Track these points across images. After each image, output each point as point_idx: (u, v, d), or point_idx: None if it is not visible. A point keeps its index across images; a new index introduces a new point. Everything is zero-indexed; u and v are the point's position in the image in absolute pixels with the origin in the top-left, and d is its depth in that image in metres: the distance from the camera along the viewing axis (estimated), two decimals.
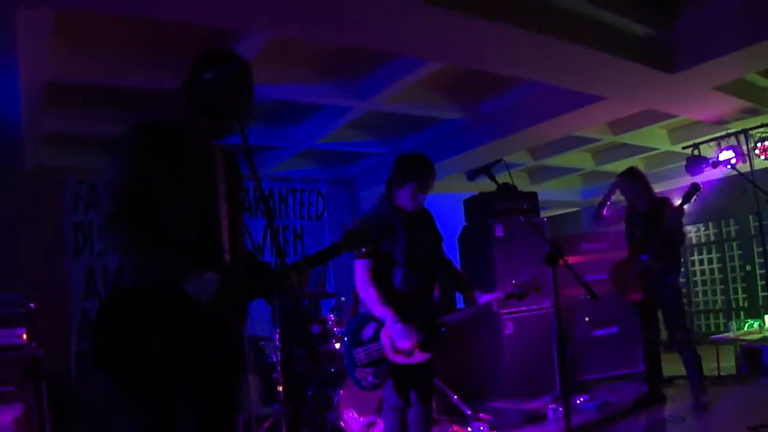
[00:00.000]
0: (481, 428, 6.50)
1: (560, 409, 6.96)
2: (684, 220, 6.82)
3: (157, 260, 2.77)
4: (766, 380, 7.82)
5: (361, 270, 4.52)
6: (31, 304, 6.27)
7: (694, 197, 6.52)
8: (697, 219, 13.09)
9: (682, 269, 13.57)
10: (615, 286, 7.09)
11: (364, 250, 4.08)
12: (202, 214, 2.93)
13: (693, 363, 6.71)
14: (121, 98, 6.95)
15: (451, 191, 11.96)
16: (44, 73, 5.87)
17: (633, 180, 7.09)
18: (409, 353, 4.43)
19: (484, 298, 4.67)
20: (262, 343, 7.48)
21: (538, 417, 6.93)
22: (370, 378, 4.49)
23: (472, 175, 4.79)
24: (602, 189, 12.92)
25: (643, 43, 6.37)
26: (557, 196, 13.00)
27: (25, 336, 6.12)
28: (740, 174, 6.32)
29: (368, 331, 4.54)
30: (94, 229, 8.30)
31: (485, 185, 10.90)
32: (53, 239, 8.26)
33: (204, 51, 3.13)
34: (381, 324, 4.49)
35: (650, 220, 6.81)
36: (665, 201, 7.00)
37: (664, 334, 7.75)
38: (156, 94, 6.60)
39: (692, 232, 13.56)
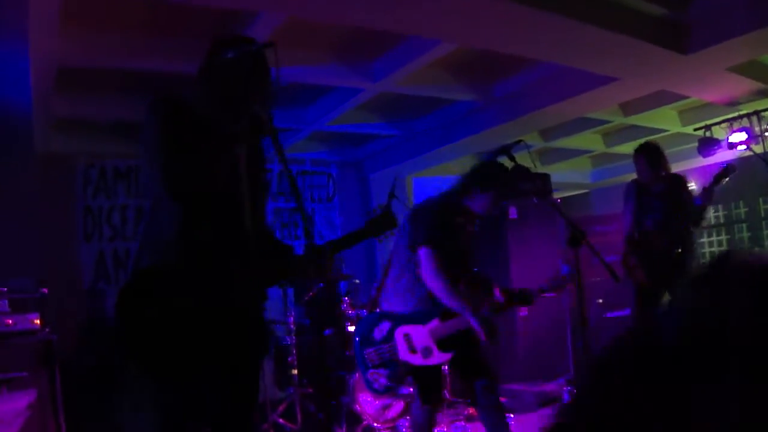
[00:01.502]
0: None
1: (575, 391, 6.94)
2: (712, 201, 6.41)
3: None
4: None
5: (427, 260, 4.33)
6: (44, 290, 6.26)
7: (727, 179, 6.21)
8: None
9: None
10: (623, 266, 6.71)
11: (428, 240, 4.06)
12: (224, 196, 2.91)
13: None
14: (132, 82, 6.94)
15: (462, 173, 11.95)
16: (55, 57, 5.86)
17: (653, 158, 6.53)
18: (427, 353, 4.34)
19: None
20: (274, 326, 7.50)
21: (553, 400, 6.93)
22: (383, 380, 4.37)
23: (492, 156, 4.71)
24: (612, 171, 12.92)
25: (657, 23, 6.33)
26: (567, 178, 12.95)
27: (38, 321, 6.11)
28: (756, 155, 6.22)
29: (381, 331, 4.41)
30: (104, 214, 8.29)
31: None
32: (64, 224, 8.26)
33: (220, 36, 3.09)
34: (396, 323, 4.41)
35: (670, 202, 6.38)
36: (683, 181, 6.61)
37: None
38: (167, 78, 6.59)
39: None
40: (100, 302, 8.09)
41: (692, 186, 6.58)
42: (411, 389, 6.06)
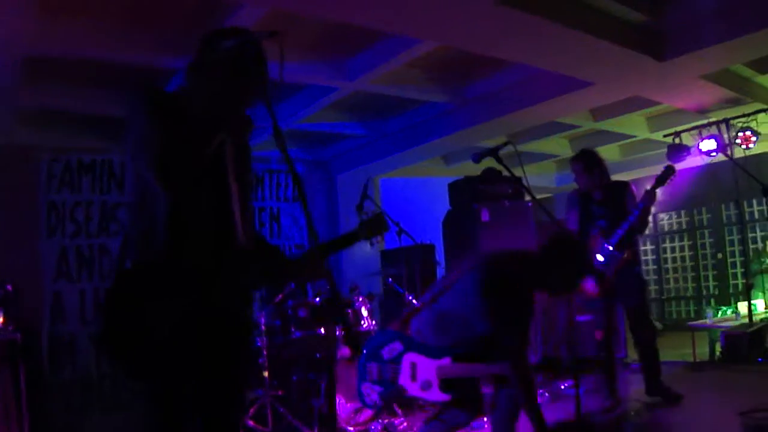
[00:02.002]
0: None
1: (547, 394, 6.95)
2: (655, 205, 6.32)
3: None
4: (747, 366, 7.86)
5: None
6: (8, 287, 6.10)
7: (669, 180, 6.14)
8: (669, 207, 13.22)
9: (654, 257, 13.82)
10: None
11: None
12: (212, 193, 2.81)
13: (652, 360, 6.33)
14: (101, 74, 6.76)
15: (432, 175, 11.94)
16: (22, 45, 5.65)
17: (590, 165, 6.43)
18: (427, 387, 4.26)
19: None
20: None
21: None
22: (374, 396, 4.31)
23: (478, 158, 4.67)
24: None
25: (635, 29, 6.38)
26: (531, 182, 12.91)
27: (1, 319, 5.95)
28: (732, 161, 6.27)
29: (391, 352, 4.33)
30: (68, 209, 8.09)
31: (468, 169, 10.95)
32: (26, 218, 8.02)
33: (215, 29, 2.97)
34: (408, 348, 4.32)
35: (612, 209, 6.31)
36: (626, 187, 6.51)
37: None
38: (139, 70, 6.45)
39: (664, 219, 13.72)
40: (60, 301, 7.89)
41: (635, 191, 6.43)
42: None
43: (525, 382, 4.05)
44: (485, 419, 5.65)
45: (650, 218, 6.34)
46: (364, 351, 4.39)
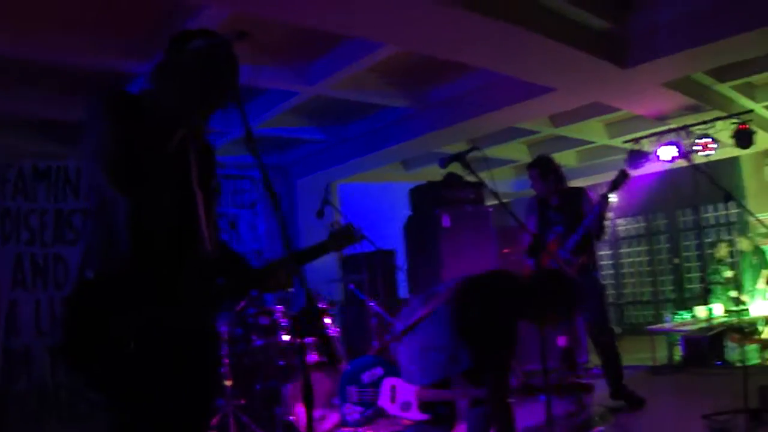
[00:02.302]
0: None
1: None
2: (610, 209, 6.30)
3: None
4: (706, 369, 7.94)
5: None
6: None
7: (623, 185, 6.09)
8: (627, 212, 13.32)
9: (611, 261, 13.93)
10: None
11: None
12: (176, 199, 2.71)
13: (614, 364, 6.33)
14: (57, 77, 6.60)
15: (391, 180, 11.88)
16: None
17: (546, 171, 6.46)
18: (406, 408, 4.29)
19: None
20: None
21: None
22: (356, 416, 4.35)
23: (445, 163, 4.61)
24: None
25: (598, 36, 6.40)
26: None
27: None
28: (695, 167, 6.31)
29: (372, 376, 4.40)
30: (22, 216, 7.87)
31: (428, 174, 10.91)
32: None
33: (183, 30, 2.87)
34: (388, 373, 4.38)
35: (568, 214, 6.31)
36: (582, 192, 6.55)
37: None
38: (97, 75, 6.31)
39: (621, 225, 13.82)
40: (15, 310, 7.67)
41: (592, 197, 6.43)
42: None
43: (502, 408, 4.03)
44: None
45: (608, 223, 6.29)
46: (345, 374, 4.40)
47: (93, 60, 6.02)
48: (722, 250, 11.22)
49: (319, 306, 6.85)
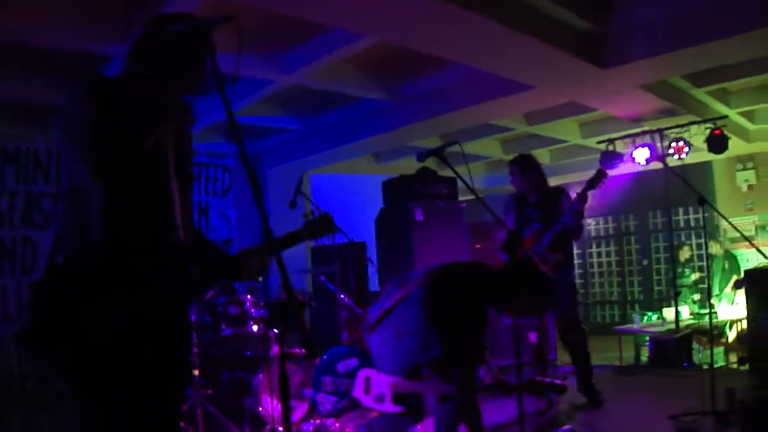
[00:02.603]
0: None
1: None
2: (585, 208, 6.41)
3: None
4: (673, 370, 8.00)
5: None
6: None
7: (600, 184, 6.11)
8: (597, 213, 13.42)
9: (580, 261, 13.99)
10: None
11: None
12: (151, 186, 2.65)
13: (584, 363, 6.37)
14: (28, 58, 6.46)
15: (363, 172, 11.83)
16: None
17: (526, 168, 6.50)
18: (380, 399, 4.27)
19: None
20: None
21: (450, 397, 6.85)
22: (328, 406, 4.32)
23: (422, 157, 4.60)
24: (506, 178, 13.04)
25: (579, 36, 6.40)
26: (460, 183, 13.02)
27: None
28: (671, 170, 6.32)
29: (347, 366, 4.39)
30: None
31: (399, 168, 10.88)
32: None
33: (162, 13, 2.79)
34: (363, 363, 4.43)
35: (547, 212, 6.33)
36: (561, 191, 6.58)
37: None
38: (69, 57, 6.19)
39: (591, 225, 13.91)
40: None
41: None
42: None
43: (470, 404, 4.05)
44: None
45: (584, 222, 6.32)
46: (319, 364, 4.36)
47: (66, 41, 5.87)
48: (685, 253, 11.35)
49: (298, 297, 6.80)
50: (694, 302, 10.58)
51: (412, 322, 4.23)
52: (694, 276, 11.18)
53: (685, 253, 11.34)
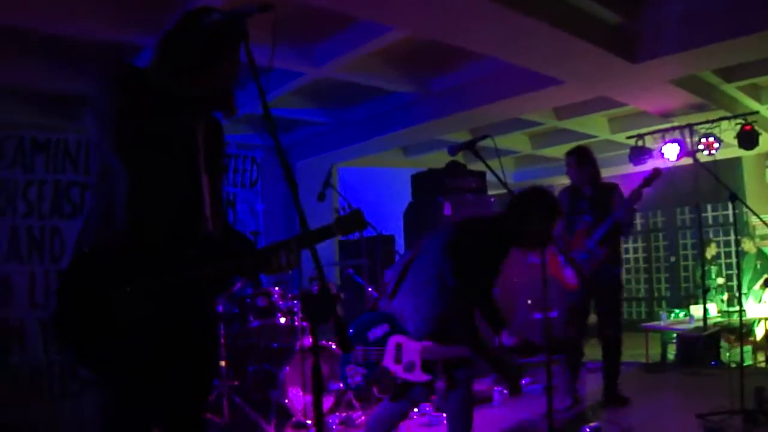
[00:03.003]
0: (427, 409, 6.39)
1: (506, 391, 6.92)
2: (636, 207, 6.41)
3: None
4: (701, 368, 7.93)
5: (458, 298, 4.34)
6: None
7: (654, 181, 6.07)
8: None
9: None
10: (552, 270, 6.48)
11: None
12: (181, 179, 2.67)
13: (615, 361, 6.34)
14: (55, 48, 6.52)
15: (391, 165, 11.83)
16: None
17: (583, 161, 6.50)
18: (410, 368, 4.28)
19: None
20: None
21: (484, 399, 6.85)
22: (358, 378, 4.29)
23: (454, 150, 4.62)
24: (535, 172, 13.03)
25: (609, 29, 6.36)
26: (489, 178, 12.97)
27: None
28: (702, 166, 6.26)
29: (376, 333, 4.36)
30: (20, 188, 7.78)
31: (428, 161, 10.86)
32: None
33: (199, 6, 2.79)
34: (393, 330, 4.33)
35: (599, 206, 6.30)
36: (615, 187, 6.53)
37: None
38: (96, 46, 6.24)
39: None
40: (9, 283, 7.59)
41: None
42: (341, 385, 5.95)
43: (480, 348, 4.18)
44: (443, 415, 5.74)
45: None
46: (350, 332, 4.35)
47: (94, 31, 5.94)
48: (712, 250, 11.26)
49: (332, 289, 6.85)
50: (722, 301, 10.51)
51: (428, 268, 4.32)
52: (721, 280, 11.11)
53: (712, 250, 11.25)
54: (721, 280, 11.04)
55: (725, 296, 10.65)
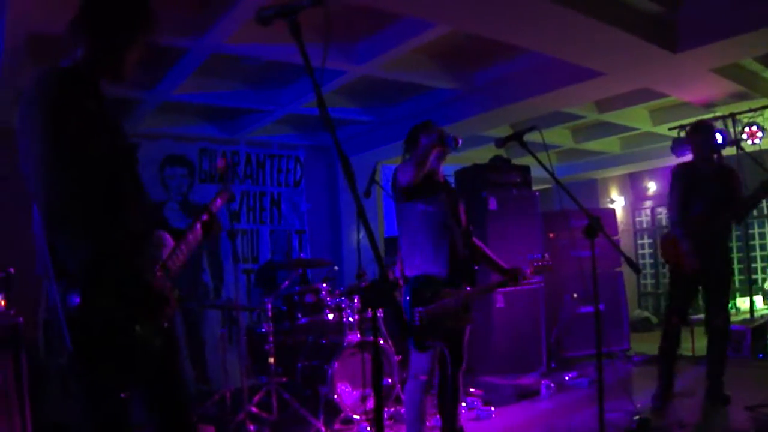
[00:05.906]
0: (475, 403, 6.43)
1: (552, 385, 6.95)
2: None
3: None
4: (748, 361, 7.89)
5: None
6: (11, 269, 5.97)
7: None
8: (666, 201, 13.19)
9: (651, 251, 13.80)
10: (666, 254, 6.38)
11: None
12: (113, 172, 2.75)
13: (721, 355, 6.12)
14: None
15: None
16: (30, 20, 5.46)
17: (707, 138, 6.23)
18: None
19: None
20: (235, 312, 7.31)
21: (532, 393, 6.89)
22: (416, 317, 4.36)
23: (501, 143, 4.70)
24: (578, 167, 12.95)
25: (649, 20, 6.33)
26: (533, 172, 12.97)
27: (3, 303, 5.84)
28: (747, 154, 6.22)
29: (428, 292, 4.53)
30: None
31: (470, 157, 10.87)
32: (25, 201, 7.85)
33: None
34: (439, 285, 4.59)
35: (722, 187, 6.09)
36: (735, 171, 6.29)
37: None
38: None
39: (662, 213, 13.66)
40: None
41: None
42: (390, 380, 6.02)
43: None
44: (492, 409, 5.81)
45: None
46: (407, 299, 4.46)
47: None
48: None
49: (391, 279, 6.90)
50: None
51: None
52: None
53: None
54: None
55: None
